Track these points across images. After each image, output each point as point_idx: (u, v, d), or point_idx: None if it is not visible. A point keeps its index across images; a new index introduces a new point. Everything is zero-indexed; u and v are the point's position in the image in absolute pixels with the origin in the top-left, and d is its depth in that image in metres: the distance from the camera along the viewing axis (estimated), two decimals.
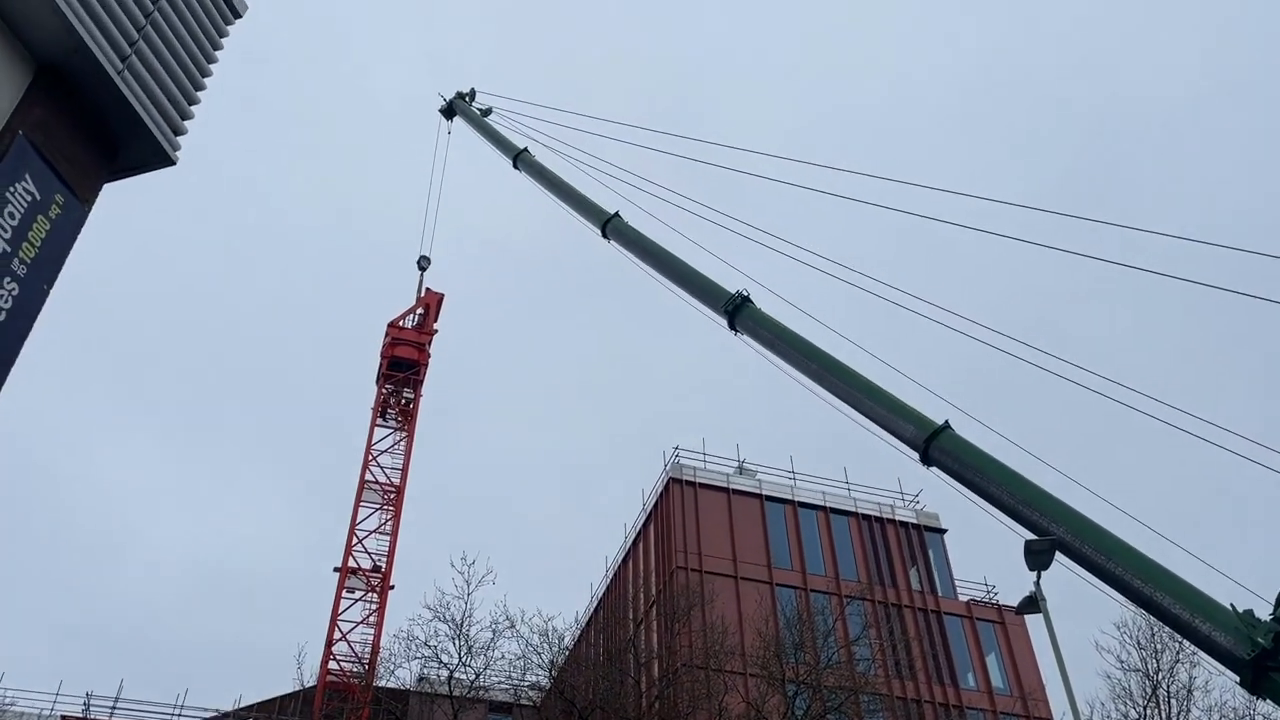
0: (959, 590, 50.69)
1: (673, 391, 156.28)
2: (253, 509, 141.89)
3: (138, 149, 10.90)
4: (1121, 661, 34.11)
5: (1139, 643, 34.08)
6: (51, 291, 9.42)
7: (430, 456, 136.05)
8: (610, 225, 28.68)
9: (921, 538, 51.30)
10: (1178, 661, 33.34)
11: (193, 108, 11.47)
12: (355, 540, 45.13)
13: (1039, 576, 18.29)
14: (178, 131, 11.24)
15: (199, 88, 11.66)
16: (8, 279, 8.84)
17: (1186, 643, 22.27)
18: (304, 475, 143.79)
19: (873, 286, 21.32)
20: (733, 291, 23.01)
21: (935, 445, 17.07)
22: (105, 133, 10.58)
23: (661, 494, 49.76)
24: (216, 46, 12.06)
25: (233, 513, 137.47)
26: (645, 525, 51.37)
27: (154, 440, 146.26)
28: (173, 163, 11.15)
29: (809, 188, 25.26)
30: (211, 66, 11.89)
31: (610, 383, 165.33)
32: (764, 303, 22.47)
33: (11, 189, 9.05)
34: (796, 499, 50.49)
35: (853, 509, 51.42)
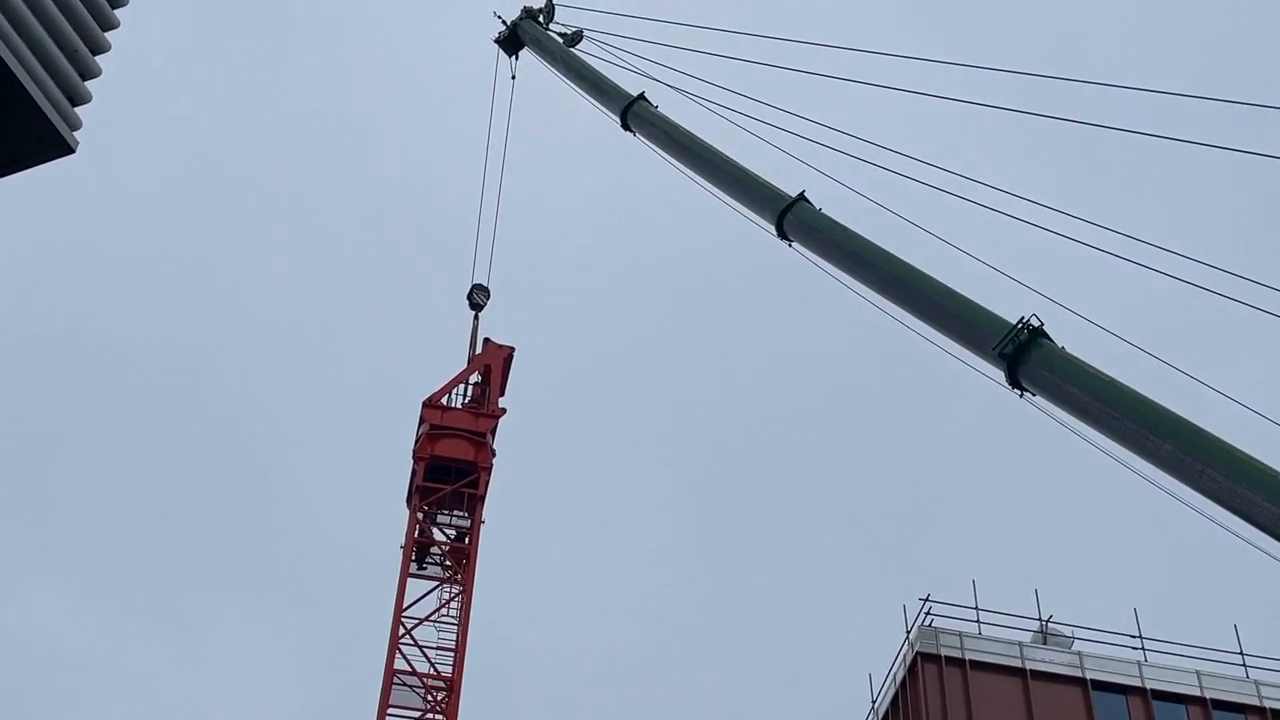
0: None
1: (922, 485, 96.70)
2: (232, 694, 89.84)
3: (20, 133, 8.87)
4: None
5: None
6: None
7: (498, 596, 79.55)
8: (792, 215, 20.89)
9: None
10: None
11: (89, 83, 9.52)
12: None
13: None
14: (76, 101, 9.25)
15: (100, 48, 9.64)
16: None
17: None
18: (308, 643, 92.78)
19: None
20: None
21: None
22: None
23: (905, 680, 33.33)
24: None
25: (207, 696, 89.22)
26: None
27: (69, 593, 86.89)
28: (71, 150, 9.32)
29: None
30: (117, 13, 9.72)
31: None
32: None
33: None
34: (1148, 684, 34.25)
35: (1255, 700, 34.23)
